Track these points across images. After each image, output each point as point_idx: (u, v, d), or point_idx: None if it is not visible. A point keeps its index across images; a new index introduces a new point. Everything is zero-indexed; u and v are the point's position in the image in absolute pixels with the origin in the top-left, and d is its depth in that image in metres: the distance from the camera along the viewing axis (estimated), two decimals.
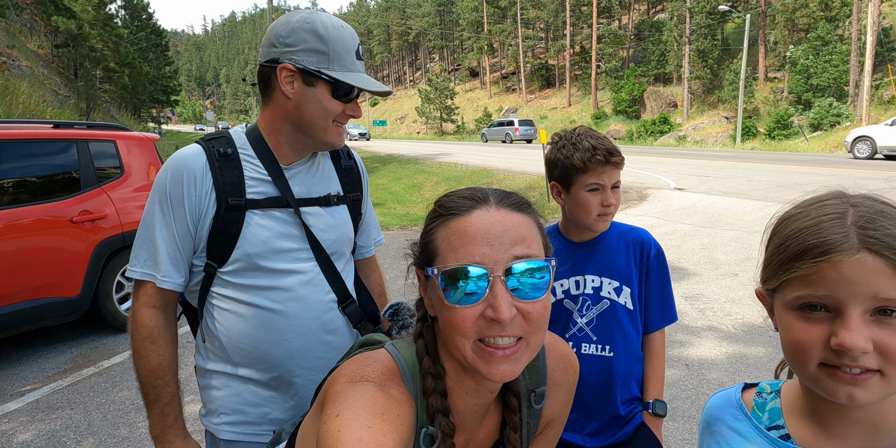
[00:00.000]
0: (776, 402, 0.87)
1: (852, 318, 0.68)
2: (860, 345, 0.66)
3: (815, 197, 0.78)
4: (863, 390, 0.68)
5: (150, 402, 1.40)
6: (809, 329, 0.71)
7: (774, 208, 5.72)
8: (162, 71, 47.68)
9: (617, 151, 1.57)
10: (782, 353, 0.79)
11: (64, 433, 3.34)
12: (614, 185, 1.59)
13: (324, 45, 1.34)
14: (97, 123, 5.11)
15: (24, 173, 4.36)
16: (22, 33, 22.64)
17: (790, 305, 0.74)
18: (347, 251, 1.55)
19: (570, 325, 1.66)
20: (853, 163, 17.43)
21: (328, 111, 1.37)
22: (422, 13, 79.23)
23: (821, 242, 0.70)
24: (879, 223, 0.69)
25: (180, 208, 1.35)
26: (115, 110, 28.17)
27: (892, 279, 0.67)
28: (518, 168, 17.70)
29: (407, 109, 71.72)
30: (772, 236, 0.79)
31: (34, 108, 14.54)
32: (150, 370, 1.37)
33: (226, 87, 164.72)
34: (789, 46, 34.64)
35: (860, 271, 0.67)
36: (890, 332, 0.67)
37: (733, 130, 30.96)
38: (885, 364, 0.68)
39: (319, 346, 1.42)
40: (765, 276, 0.79)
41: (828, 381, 0.70)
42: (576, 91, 53.06)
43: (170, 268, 1.37)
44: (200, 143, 1.41)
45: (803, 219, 0.74)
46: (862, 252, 0.68)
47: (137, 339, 1.37)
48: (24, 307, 4.16)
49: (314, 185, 1.47)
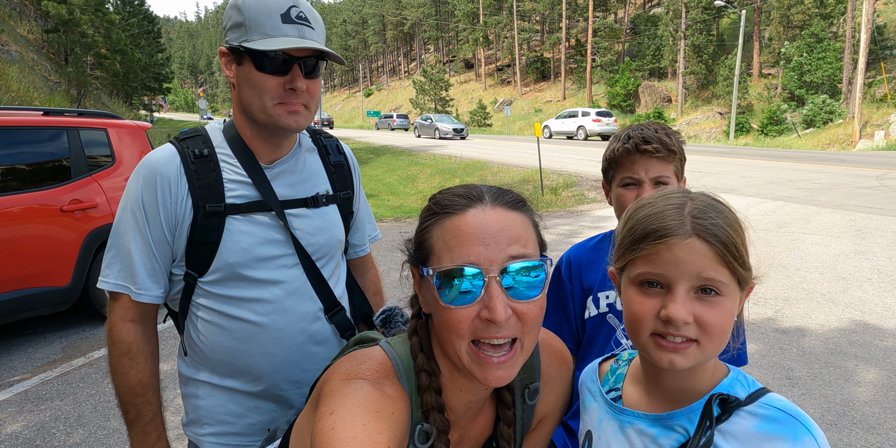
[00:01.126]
0: (625, 369, 1.03)
1: (679, 293, 0.81)
2: (683, 316, 0.80)
3: (665, 191, 0.91)
4: (682, 357, 0.82)
5: (130, 420, 1.32)
6: (646, 302, 0.84)
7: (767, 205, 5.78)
8: (154, 58, 47.16)
9: (657, 140, 1.37)
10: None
11: (53, 424, 3.31)
12: (658, 180, 1.38)
13: (240, 16, 1.22)
14: (88, 111, 5.04)
15: (13, 161, 4.29)
16: (11, 18, 22.29)
17: (633, 281, 0.87)
18: (337, 254, 1.46)
19: (613, 346, 1.44)
20: (846, 160, 17.53)
21: (259, 88, 1.22)
22: (417, 3, 78.66)
23: (661, 227, 0.83)
24: (709, 214, 0.83)
25: (155, 216, 1.25)
26: (107, 97, 27.86)
27: (713, 262, 0.80)
28: (513, 161, 17.68)
29: (401, 100, 71.35)
30: (625, 222, 0.91)
31: (24, 95, 14.34)
32: (130, 388, 1.29)
33: (218, 75, 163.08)
34: (784, 43, 34.68)
35: (689, 253, 0.81)
36: (707, 308, 0.81)
37: (727, 126, 31.03)
38: (701, 335, 0.81)
39: (306, 358, 1.36)
40: (616, 255, 0.91)
41: (655, 348, 0.84)
42: (571, 84, 52.96)
43: (146, 280, 1.27)
44: (174, 144, 1.30)
45: (652, 207, 0.87)
46: (692, 237, 0.81)
47: (115, 355, 1.28)
48: (13, 297, 4.11)
49: (299, 184, 1.37)
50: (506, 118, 41.97)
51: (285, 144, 1.36)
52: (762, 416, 0.83)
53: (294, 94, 1.23)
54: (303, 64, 1.23)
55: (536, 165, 12.57)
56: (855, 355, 4.12)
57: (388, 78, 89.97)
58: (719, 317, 0.81)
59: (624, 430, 0.94)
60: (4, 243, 4.07)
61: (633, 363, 1.02)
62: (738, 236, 0.83)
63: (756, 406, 0.85)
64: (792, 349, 4.23)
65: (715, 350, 0.83)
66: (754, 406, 0.85)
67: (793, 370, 3.90)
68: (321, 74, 1.30)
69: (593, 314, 1.50)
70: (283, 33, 1.20)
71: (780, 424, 0.81)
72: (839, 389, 3.63)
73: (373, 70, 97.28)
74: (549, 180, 13.02)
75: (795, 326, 4.66)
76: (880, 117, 25.03)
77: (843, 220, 8.59)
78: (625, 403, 0.97)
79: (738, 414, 0.84)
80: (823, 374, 3.83)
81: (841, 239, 7.48)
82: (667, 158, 1.38)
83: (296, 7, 1.23)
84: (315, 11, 1.29)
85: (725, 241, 0.81)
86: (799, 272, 6.11)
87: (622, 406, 0.96)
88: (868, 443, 3.05)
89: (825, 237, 7.60)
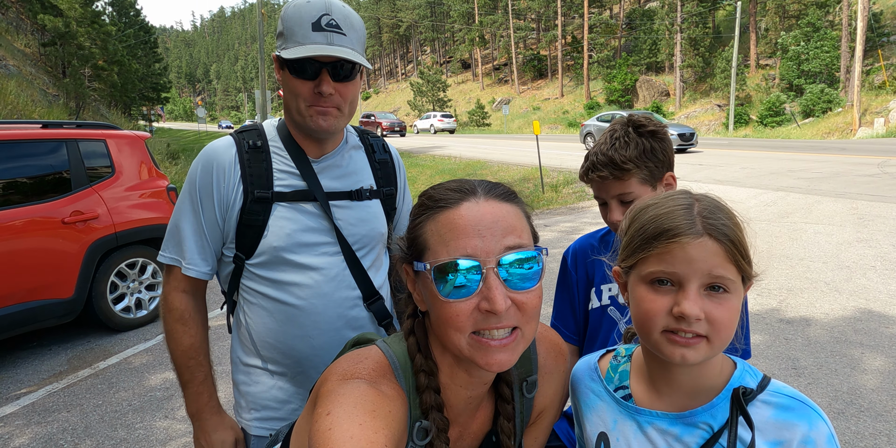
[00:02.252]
0: (627, 365, 1.03)
1: (691, 290, 0.84)
2: (695, 312, 0.82)
3: (667, 192, 0.94)
4: (693, 352, 0.85)
5: (184, 381, 1.43)
6: (657, 299, 0.86)
7: (768, 195, 5.75)
8: (151, 68, 47.23)
9: (604, 163, 1.35)
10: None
11: (61, 436, 3.32)
12: (621, 198, 1.37)
13: (281, 26, 1.33)
14: (87, 122, 5.05)
15: (13, 174, 4.31)
16: (8, 32, 22.36)
17: (644, 280, 0.89)
18: (378, 246, 1.51)
19: (615, 340, 1.46)
20: (847, 148, 17.48)
21: (294, 92, 1.33)
22: (412, 5, 78.75)
23: (674, 227, 0.85)
24: (717, 215, 0.87)
25: (209, 199, 1.37)
26: (105, 109, 27.93)
27: (723, 260, 0.84)
28: (512, 160, 17.68)
29: (399, 102, 71.39)
30: (631, 222, 0.93)
31: (22, 108, 14.37)
32: (184, 351, 1.41)
33: (216, 84, 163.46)
34: (780, 33, 34.61)
35: (701, 252, 0.83)
36: (716, 305, 0.84)
37: (726, 118, 30.99)
38: (711, 331, 0.84)
39: (344, 343, 1.41)
40: (624, 254, 0.93)
41: (667, 344, 0.86)
42: (568, 81, 52.95)
43: (195, 256, 1.39)
44: (233, 136, 1.42)
45: (659, 207, 0.90)
46: (704, 236, 0.84)
47: (169, 321, 1.41)
48: (17, 309, 4.13)
49: (344, 178, 1.45)
50: (504, 117, 41.94)
51: (329, 142, 1.43)
52: (775, 405, 0.87)
53: (323, 98, 1.31)
54: (331, 69, 1.30)
55: (536, 163, 12.56)
56: (861, 343, 4.10)
57: (385, 80, 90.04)
58: (727, 313, 0.84)
59: (644, 429, 0.95)
60: (7, 256, 4.09)
61: (634, 359, 1.03)
62: (742, 235, 0.87)
63: (767, 394, 0.88)
64: (797, 339, 4.22)
65: (723, 345, 0.86)
66: (765, 395, 0.88)
67: (799, 360, 3.89)
68: (355, 78, 1.36)
69: (595, 306, 1.51)
70: (312, 41, 1.29)
71: (795, 411, 0.86)
72: (846, 378, 3.62)
73: (370, 73, 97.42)
74: (550, 178, 13.01)
75: (800, 316, 4.65)
76: (879, 105, 24.97)
77: (844, 208, 8.57)
78: (636, 402, 0.97)
79: (754, 404, 0.88)
80: (830, 363, 3.82)
81: (843, 227, 7.46)
82: (622, 177, 1.36)
83: (327, 15, 1.30)
84: (353, 16, 1.34)
85: (734, 239, 0.85)
86: (802, 262, 6.09)
87: (635, 405, 0.97)
88: (876, 430, 3.04)
89: (827, 226, 7.58)
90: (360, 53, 1.34)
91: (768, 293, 5.17)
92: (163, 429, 3.33)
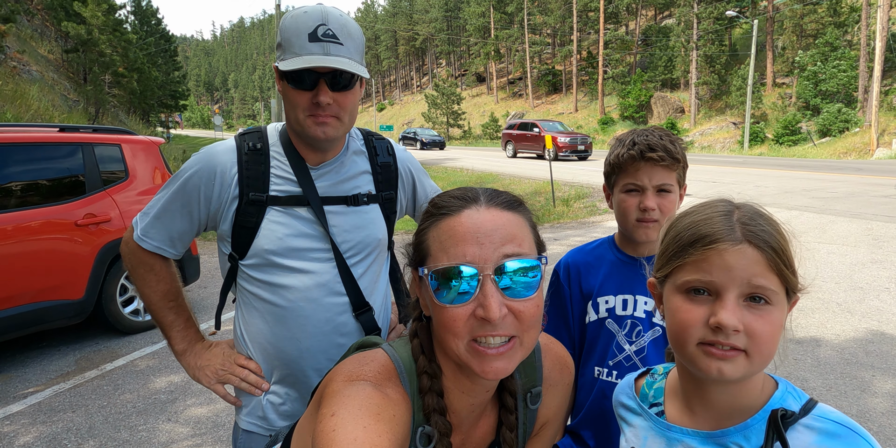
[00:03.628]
0: (662, 382, 1.00)
1: (729, 300, 0.79)
2: (733, 323, 0.78)
3: (706, 200, 0.91)
4: (731, 366, 0.79)
5: (169, 323, 1.48)
6: (693, 309, 0.82)
7: (782, 214, 5.66)
8: (170, 76, 47.99)
9: (661, 148, 1.36)
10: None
11: (65, 436, 3.34)
12: (661, 187, 1.38)
13: (279, 37, 1.34)
14: (102, 127, 5.14)
15: (30, 176, 4.38)
16: (33, 38, 22.86)
17: (679, 289, 0.85)
18: (375, 252, 1.50)
19: (614, 352, 1.44)
20: (863, 169, 17.31)
21: (293, 102, 1.34)
22: (429, 19, 79.48)
23: (711, 233, 0.82)
24: (758, 221, 0.83)
25: (194, 191, 1.39)
26: (124, 115, 28.36)
27: (764, 269, 0.79)
28: (524, 173, 17.69)
29: (414, 114, 71.82)
30: (668, 231, 0.90)
31: (43, 113, 14.64)
32: (163, 295, 1.47)
33: (234, 92, 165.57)
34: (798, 52, 34.50)
35: (740, 260, 0.79)
36: (756, 317, 0.79)
37: (741, 136, 30.82)
38: (750, 344, 0.79)
39: (332, 347, 1.42)
40: (659, 264, 0.90)
41: (703, 357, 0.81)
42: (582, 96, 53.02)
43: (150, 230, 1.43)
44: (235, 138, 1.45)
45: (697, 214, 0.87)
46: (743, 244, 0.80)
47: (141, 272, 1.45)
48: (28, 309, 4.18)
49: (342, 184, 1.45)
50: None
51: (329, 150, 1.44)
52: (819, 430, 0.80)
53: (321, 108, 1.31)
54: (329, 79, 1.30)
55: (548, 177, 12.56)
56: (871, 366, 4.03)
57: (400, 92, 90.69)
58: (769, 326, 0.79)
59: (672, 447, 0.92)
60: (21, 257, 4.15)
61: (670, 377, 1.00)
62: (786, 244, 0.83)
63: (811, 419, 0.82)
64: (806, 359, 4.16)
65: (764, 362, 0.81)
66: (809, 419, 0.82)
67: (807, 381, 3.83)
68: (354, 87, 1.36)
69: (593, 319, 1.50)
70: (308, 52, 1.28)
71: (841, 439, 0.78)
72: (855, 400, 3.56)
73: (385, 85, 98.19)
74: (561, 192, 12.99)
75: (810, 336, 4.59)
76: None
77: (859, 229, 8.47)
78: (668, 419, 0.94)
79: (795, 428, 0.81)
80: (839, 385, 3.76)
81: (857, 248, 7.37)
82: (671, 166, 1.38)
83: (324, 25, 1.29)
84: (351, 25, 1.34)
85: (776, 247, 0.80)
86: (814, 282, 6.00)
87: (667, 422, 0.94)
88: None
89: (841, 246, 7.49)
90: (357, 62, 1.33)
91: None
92: (165, 431, 3.34)
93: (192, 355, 1.49)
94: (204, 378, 1.46)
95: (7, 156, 4.22)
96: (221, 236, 1.44)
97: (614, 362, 1.44)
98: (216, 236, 1.47)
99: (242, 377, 1.43)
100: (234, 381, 1.44)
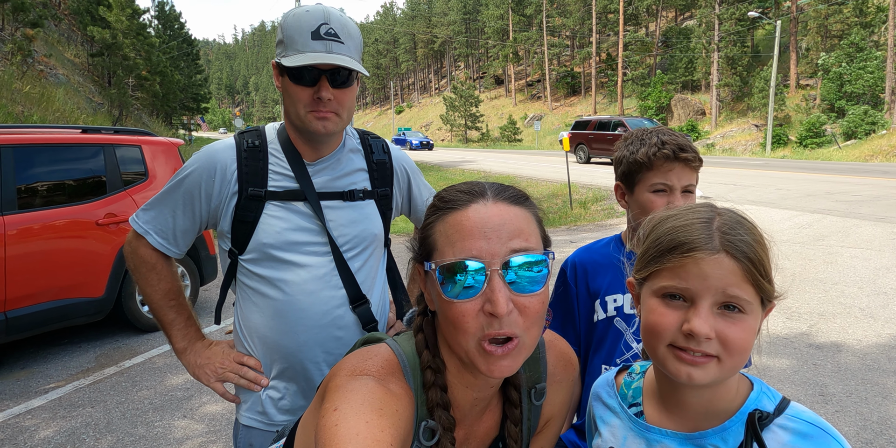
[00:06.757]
0: (640, 382, 1.00)
1: (703, 308, 0.79)
2: (705, 331, 0.78)
3: (689, 204, 0.91)
4: (701, 371, 0.80)
5: (169, 321, 1.50)
6: (667, 314, 0.83)
7: (803, 218, 5.62)
8: (193, 79, 48.74)
9: (690, 148, 1.38)
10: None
11: (84, 430, 3.40)
12: (686, 188, 1.39)
13: (281, 34, 1.37)
14: (124, 128, 5.23)
15: (52, 177, 4.48)
16: (60, 43, 23.37)
17: (656, 293, 0.85)
18: (371, 247, 1.53)
19: (622, 350, 1.45)
20: (890, 172, 16.95)
21: (294, 98, 1.37)
22: (447, 21, 79.67)
23: (689, 241, 0.82)
24: (737, 230, 0.82)
25: (195, 188, 1.42)
26: (147, 117, 28.84)
27: (739, 279, 0.79)
28: (542, 176, 17.62)
29: (432, 117, 72.00)
30: (649, 233, 0.90)
31: (69, 115, 14.96)
32: (164, 293, 1.49)
33: (255, 95, 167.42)
34: (821, 53, 33.93)
35: (716, 269, 0.79)
36: (729, 324, 0.79)
37: (763, 138, 30.38)
38: (722, 351, 0.79)
39: (329, 340, 1.44)
40: (639, 266, 0.90)
41: (673, 361, 0.82)
42: (602, 99, 52.71)
43: (153, 226, 1.46)
44: (235, 137, 1.48)
45: (678, 219, 0.86)
46: (720, 253, 0.80)
47: (143, 271, 1.48)
48: (50, 307, 4.27)
49: (338, 180, 1.48)
50: (535, 133, 41.90)
51: (326, 145, 1.47)
52: (793, 430, 0.81)
53: (322, 103, 1.35)
54: (330, 76, 1.34)
55: (566, 180, 12.50)
56: (894, 372, 3.94)
57: (419, 95, 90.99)
58: (742, 333, 0.79)
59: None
60: (44, 255, 4.24)
61: (647, 376, 1.00)
62: (764, 253, 0.82)
63: (784, 419, 0.83)
64: (826, 365, 4.08)
65: (735, 367, 0.82)
66: (782, 419, 0.83)
67: (827, 386, 3.75)
68: (352, 84, 1.40)
69: (601, 317, 1.49)
70: (311, 49, 1.33)
71: (813, 440, 0.80)
72: (876, 407, 3.48)
73: (404, 87, 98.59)
74: (579, 194, 12.91)
75: (831, 342, 4.50)
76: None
77: (884, 232, 8.29)
78: (647, 420, 0.95)
79: (770, 429, 0.82)
80: (860, 391, 3.68)
81: (882, 252, 7.21)
82: (697, 168, 1.40)
83: (326, 24, 1.34)
84: (350, 25, 1.38)
85: (753, 258, 0.80)
86: (836, 286, 5.90)
87: (646, 423, 0.94)
88: None
89: (865, 250, 7.34)
90: (357, 61, 1.38)
91: (798, 317, 5.02)
92: (181, 428, 3.38)
93: (192, 353, 1.51)
94: (203, 376, 1.48)
95: (31, 156, 4.32)
96: (221, 233, 1.46)
97: (622, 360, 1.44)
98: (217, 234, 1.51)
99: (241, 374, 1.45)
100: (233, 378, 1.46)
